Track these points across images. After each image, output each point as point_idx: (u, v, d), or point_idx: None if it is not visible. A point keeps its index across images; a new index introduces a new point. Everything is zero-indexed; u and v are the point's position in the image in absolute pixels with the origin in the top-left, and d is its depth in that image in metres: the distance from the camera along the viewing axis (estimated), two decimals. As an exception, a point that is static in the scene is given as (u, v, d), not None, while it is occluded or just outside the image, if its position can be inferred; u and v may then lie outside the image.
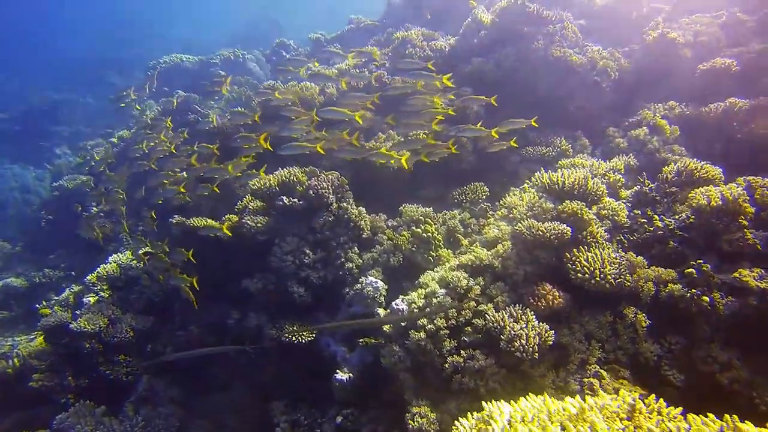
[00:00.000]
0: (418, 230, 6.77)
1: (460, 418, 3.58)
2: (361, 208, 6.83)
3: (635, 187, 6.41)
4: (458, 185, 8.50)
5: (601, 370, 4.74)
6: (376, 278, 6.40)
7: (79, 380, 7.09)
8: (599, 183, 5.82)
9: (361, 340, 6.19)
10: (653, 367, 4.84)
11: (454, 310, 5.23)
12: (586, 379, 4.74)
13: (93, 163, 12.90)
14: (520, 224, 5.59)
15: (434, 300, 5.38)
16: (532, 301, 5.10)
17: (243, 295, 7.12)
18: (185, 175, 8.24)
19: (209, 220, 7.35)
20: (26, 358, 7.31)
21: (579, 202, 5.60)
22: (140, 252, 8.88)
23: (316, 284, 6.39)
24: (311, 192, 6.53)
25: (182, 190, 7.36)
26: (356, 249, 6.66)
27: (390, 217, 7.31)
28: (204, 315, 8.01)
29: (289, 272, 6.33)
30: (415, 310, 5.54)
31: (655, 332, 4.99)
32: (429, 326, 5.16)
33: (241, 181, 7.60)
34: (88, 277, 8.74)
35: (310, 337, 6.22)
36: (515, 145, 6.99)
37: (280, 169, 7.07)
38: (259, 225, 6.58)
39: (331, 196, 6.59)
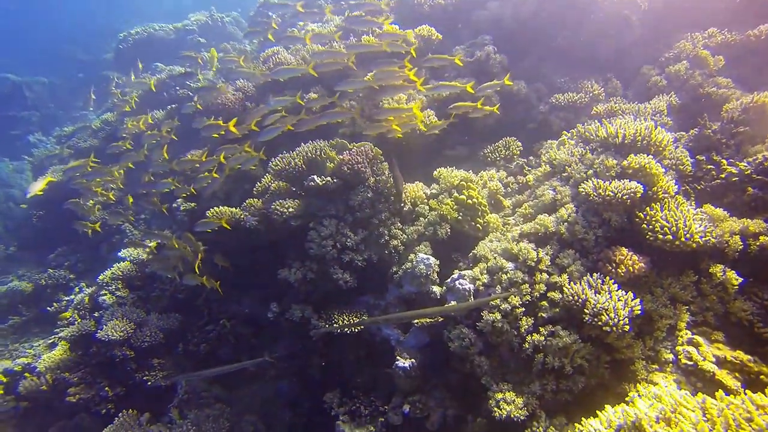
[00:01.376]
0: (462, 197, 6.29)
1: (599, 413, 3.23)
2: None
3: (693, 130, 5.97)
4: (485, 142, 8.00)
5: (697, 337, 4.45)
6: (426, 254, 5.97)
7: (116, 389, 6.70)
8: (664, 132, 5.35)
9: (416, 321, 5.83)
10: (746, 326, 4.58)
11: (527, 285, 4.86)
12: (680, 347, 4.46)
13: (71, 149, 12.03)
14: (584, 185, 5.15)
15: (504, 276, 4.99)
16: (610, 268, 4.74)
17: (277, 285, 6.68)
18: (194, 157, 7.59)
19: (222, 208, 6.74)
20: (55, 370, 6.85)
21: (645, 155, 5.16)
22: (153, 245, 8.33)
23: (360, 267, 5.94)
24: (345, 168, 5.95)
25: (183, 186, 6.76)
26: (399, 224, 6.18)
27: (424, 184, 6.80)
28: (233, 307, 7.59)
29: (330, 258, 5.86)
30: (480, 288, 5.15)
31: (743, 289, 4.71)
32: (504, 305, 4.79)
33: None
34: (100, 277, 8.17)
35: (360, 327, 5.82)
36: (497, 111, 6.54)
37: (303, 144, 6.45)
38: (290, 209, 6.03)
39: (367, 170, 6.04)
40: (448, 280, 5.67)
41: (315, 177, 6.05)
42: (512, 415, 4.38)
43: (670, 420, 2.74)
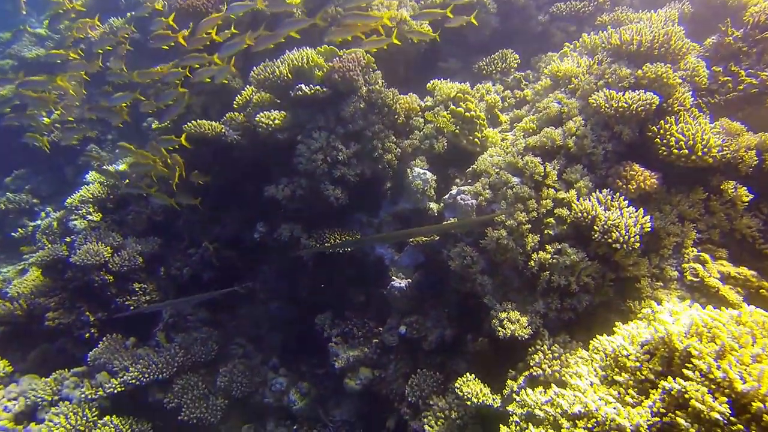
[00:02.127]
0: (460, 109, 5.89)
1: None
2: (393, 89, 5.80)
3: (709, 39, 5.59)
4: (480, 54, 7.47)
5: (703, 254, 4.37)
6: (422, 169, 5.65)
7: (97, 314, 6.40)
8: (684, 38, 4.96)
9: (412, 240, 5.62)
10: (749, 242, 4.51)
11: (533, 201, 4.63)
12: (686, 265, 4.38)
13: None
14: (596, 96, 4.80)
15: (509, 191, 4.73)
16: (620, 184, 4.53)
17: (262, 204, 6.30)
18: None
19: (201, 121, 6.14)
20: (29, 296, 6.48)
21: (661, 64, 4.80)
22: (124, 166, 7.74)
23: (352, 183, 5.58)
24: (336, 76, 5.41)
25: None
26: (393, 138, 5.77)
27: (418, 96, 6.33)
28: (216, 230, 7.22)
29: (321, 173, 5.47)
30: (483, 204, 4.91)
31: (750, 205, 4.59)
32: (510, 222, 4.58)
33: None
34: (68, 201, 7.61)
35: (357, 245, 5.58)
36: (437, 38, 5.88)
37: (287, 52, 5.82)
38: (276, 121, 5.52)
39: (360, 79, 5.51)
40: (447, 196, 5.41)
41: (303, 85, 5.50)
42: (517, 334, 4.30)
43: (702, 334, 2.61)
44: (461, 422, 4.41)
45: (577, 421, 2.85)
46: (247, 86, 6.55)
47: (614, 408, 2.73)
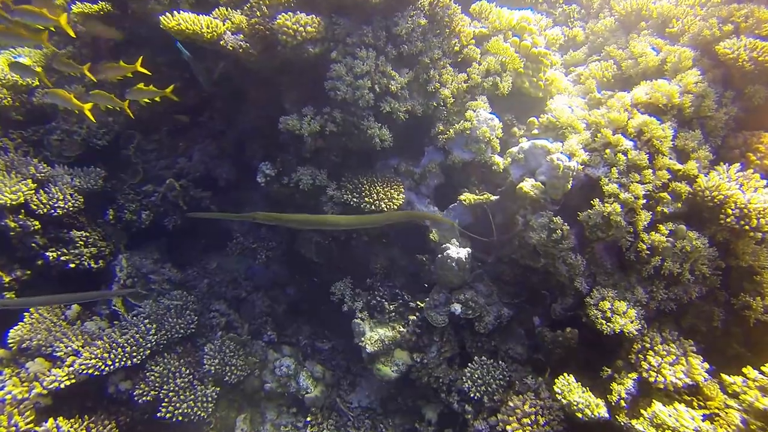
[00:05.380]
0: (526, 43, 4.77)
1: None
2: (455, 5, 4.44)
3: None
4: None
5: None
6: (488, 112, 4.52)
7: (14, 273, 4.59)
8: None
9: (463, 197, 4.57)
10: None
11: (649, 171, 3.79)
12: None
13: None
14: (728, 45, 3.94)
15: (620, 157, 3.82)
16: (754, 158, 3.83)
17: (241, 133, 4.82)
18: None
19: (184, 14, 4.30)
20: None
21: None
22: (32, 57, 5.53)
23: (401, 122, 4.31)
24: (396, -26, 3.93)
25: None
26: (450, 69, 4.50)
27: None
28: (180, 162, 5.55)
29: (365, 105, 4.10)
30: (579, 168, 3.97)
31: None
32: (624, 195, 3.71)
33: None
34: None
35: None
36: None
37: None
38: (309, 29, 3.94)
39: (426, -17, 4.08)
40: (515, 149, 4.40)
41: (347, -19, 3.94)
42: (626, 330, 3.59)
43: None
44: (550, 429, 3.71)
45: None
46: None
47: None
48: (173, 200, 5.36)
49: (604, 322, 3.67)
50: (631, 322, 3.64)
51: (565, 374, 3.69)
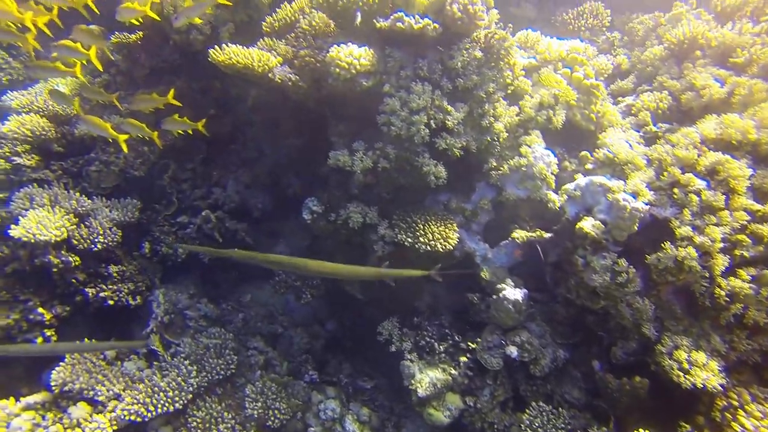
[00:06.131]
0: (578, 75, 4.63)
1: None
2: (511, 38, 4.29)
3: None
4: (554, 4, 6.15)
5: None
6: (542, 147, 4.36)
7: (54, 309, 4.45)
8: None
9: (515, 234, 4.40)
10: None
11: (726, 213, 3.59)
12: None
13: None
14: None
15: (693, 197, 3.64)
16: (837, 200, 3.62)
17: (275, 159, 4.74)
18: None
19: (236, 48, 4.20)
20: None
21: None
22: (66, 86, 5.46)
23: (455, 157, 4.15)
24: (455, 9, 3.80)
25: None
26: (504, 103, 4.35)
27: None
28: (215, 192, 5.44)
29: (420, 141, 3.95)
30: (643, 208, 3.78)
31: None
32: (700, 239, 3.51)
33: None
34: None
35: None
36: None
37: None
38: (363, 62, 3.81)
39: (485, 17, 3.94)
40: (571, 185, 4.24)
41: (404, 14, 3.81)
42: (709, 385, 3.37)
43: None
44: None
45: None
46: (287, 3, 4.64)
47: None
48: (209, 232, 5.23)
49: (681, 374, 3.46)
50: (714, 376, 3.42)
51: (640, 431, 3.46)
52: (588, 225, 3.92)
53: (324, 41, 4.21)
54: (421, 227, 4.14)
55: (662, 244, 3.60)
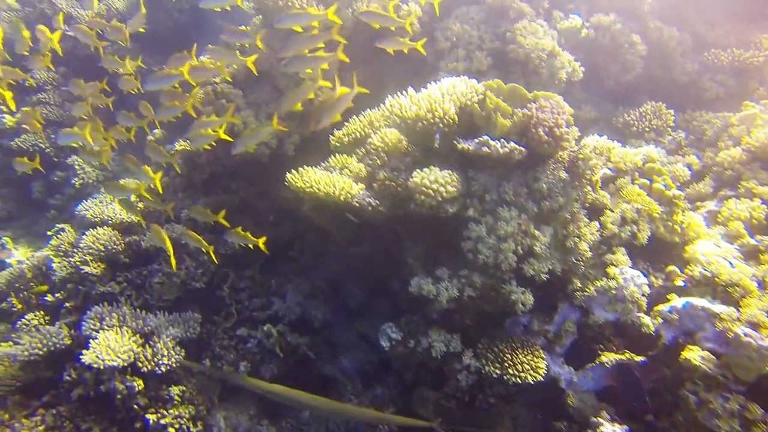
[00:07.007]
0: (658, 186, 4.49)
1: None
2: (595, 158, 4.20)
3: None
4: (616, 104, 6.16)
5: None
6: (632, 267, 4.15)
7: (112, 439, 4.21)
8: None
9: (604, 357, 4.10)
10: None
11: None
12: None
13: None
14: None
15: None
16: None
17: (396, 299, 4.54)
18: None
19: (326, 177, 4.14)
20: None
21: None
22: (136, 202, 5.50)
23: (541, 282, 3.95)
24: (540, 132, 3.74)
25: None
26: (586, 221, 4.20)
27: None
28: (275, 303, 5.27)
29: (506, 268, 3.77)
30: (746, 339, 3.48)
31: None
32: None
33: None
34: (52, 242, 5.29)
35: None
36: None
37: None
38: (450, 188, 3.73)
39: (570, 138, 3.88)
40: (665, 308, 3.98)
41: (489, 139, 3.76)
42: None
43: None
44: None
45: None
46: (360, 117, 4.69)
47: None
48: (270, 347, 5.01)
49: None
50: None
51: None
52: (696, 357, 3.61)
53: (401, 161, 4.18)
54: (509, 357, 3.87)
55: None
